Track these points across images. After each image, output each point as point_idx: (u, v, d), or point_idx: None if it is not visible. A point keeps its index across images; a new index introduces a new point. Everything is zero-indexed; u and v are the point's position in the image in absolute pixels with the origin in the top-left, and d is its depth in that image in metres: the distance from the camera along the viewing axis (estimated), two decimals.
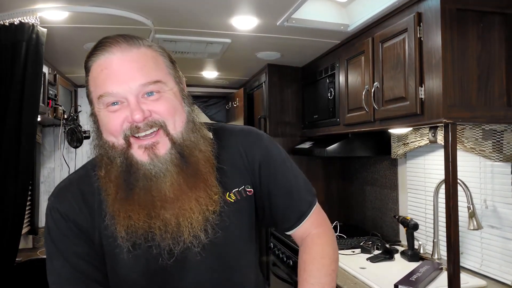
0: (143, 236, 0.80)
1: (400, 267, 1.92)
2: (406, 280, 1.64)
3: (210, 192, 0.83)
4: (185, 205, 0.80)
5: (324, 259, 0.92)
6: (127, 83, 0.76)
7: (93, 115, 0.83)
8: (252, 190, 0.93)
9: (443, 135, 1.69)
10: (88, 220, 0.85)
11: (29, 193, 3.25)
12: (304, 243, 0.97)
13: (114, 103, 0.78)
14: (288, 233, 1.00)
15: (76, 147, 3.34)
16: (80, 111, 3.63)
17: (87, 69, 0.83)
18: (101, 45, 0.81)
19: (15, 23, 1.79)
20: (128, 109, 0.77)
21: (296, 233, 0.99)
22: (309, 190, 1.00)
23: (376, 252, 2.15)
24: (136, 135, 0.78)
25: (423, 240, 2.18)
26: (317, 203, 1.00)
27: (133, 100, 0.77)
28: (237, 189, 0.90)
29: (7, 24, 1.79)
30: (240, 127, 0.99)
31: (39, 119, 2.19)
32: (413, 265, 1.91)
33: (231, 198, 0.89)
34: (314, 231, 0.98)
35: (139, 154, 0.79)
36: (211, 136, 0.91)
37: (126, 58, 0.78)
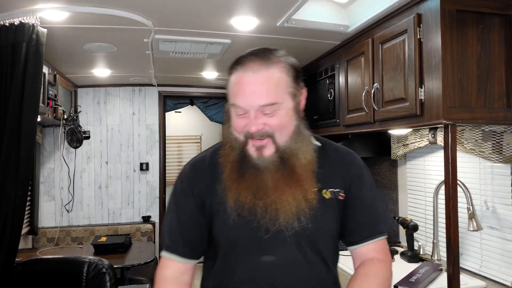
0: (247, 210, 1.00)
1: (399, 268, 1.91)
2: (405, 281, 1.64)
3: (304, 191, 1.00)
4: (282, 197, 0.99)
5: (378, 278, 1.02)
6: (251, 101, 0.97)
7: (228, 110, 1.05)
8: (344, 195, 1.07)
9: (442, 136, 1.69)
10: (207, 186, 1.07)
11: (29, 193, 3.25)
12: (362, 263, 1.07)
13: (240, 110, 1.00)
14: (351, 247, 1.11)
15: (76, 147, 3.34)
16: (80, 112, 3.64)
17: (229, 72, 1.03)
18: (240, 61, 1.00)
19: (15, 23, 1.79)
20: (248, 119, 0.98)
21: (358, 250, 1.10)
22: (386, 220, 1.16)
23: None
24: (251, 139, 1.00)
25: (423, 241, 2.18)
26: (386, 237, 1.12)
27: (253, 115, 0.97)
28: (332, 189, 1.06)
29: (7, 24, 1.79)
30: (343, 147, 1.18)
31: (39, 119, 2.19)
32: (413, 266, 1.91)
33: (327, 195, 1.05)
34: (376, 256, 1.07)
35: (252, 150, 1.00)
36: (316, 145, 1.10)
37: (255, 80, 0.97)
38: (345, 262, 1.99)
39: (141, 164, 3.90)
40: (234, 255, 1.03)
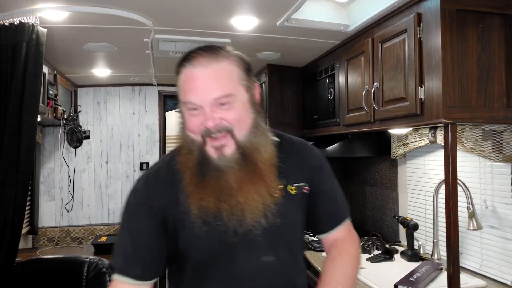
0: (212, 215, 0.96)
1: (400, 267, 1.92)
2: (406, 280, 1.64)
3: (269, 187, 0.98)
4: (247, 195, 0.95)
5: (351, 257, 1.10)
6: (204, 96, 0.93)
7: (181, 112, 1.00)
8: (309, 189, 1.08)
9: (443, 136, 1.70)
10: (168, 200, 1.00)
11: (29, 193, 3.25)
12: (334, 245, 1.13)
13: (194, 108, 0.94)
14: (322, 236, 1.15)
15: (76, 147, 3.34)
16: (80, 111, 3.64)
17: (177, 73, 0.99)
18: (188, 57, 0.97)
19: (15, 23, 1.79)
20: (204, 116, 0.93)
21: (329, 237, 1.14)
22: (346, 204, 1.18)
23: (376, 252, 2.15)
24: (209, 136, 0.95)
25: (423, 240, 2.18)
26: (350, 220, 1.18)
27: (208, 110, 0.93)
28: (297, 184, 1.06)
29: (7, 24, 1.79)
30: (297, 138, 1.17)
31: (39, 119, 2.19)
32: (413, 265, 1.91)
33: (292, 191, 1.05)
34: (345, 237, 1.14)
35: (211, 151, 0.95)
36: (274, 140, 1.06)
37: (206, 74, 0.93)
38: None
39: (141, 164, 3.90)
40: (205, 266, 1.00)
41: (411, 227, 2.06)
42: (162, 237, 1.00)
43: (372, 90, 1.91)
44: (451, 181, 1.45)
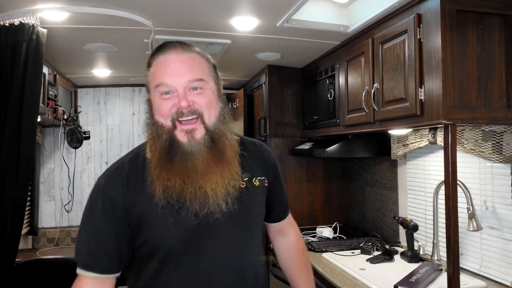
0: (176, 198, 0.99)
1: (399, 268, 1.92)
2: (405, 281, 1.64)
3: (233, 171, 1.04)
4: (212, 178, 1.01)
5: (306, 253, 1.37)
6: (178, 78, 1.00)
7: (149, 101, 1.07)
8: (268, 183, 1.18)
9: (442, 136, 1.70)
10: (131, 194, 1.02)
11: (29, 193, 3.25)
12: (288, 234, 1.33)
13: (166, 92, 1.01)
14: (275, 224, 1.31)
15: (76, 148, 3.34)
16: (80, 112, 3.64)
17: (149, 65, 1.06)
18: (162, 47, 1.04)
19: (15, 23, 1.80)
20: (177, 98, 1.00)
21: (281, 224, 1.31)
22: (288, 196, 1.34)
23: (376, 253, 2.14)
24: (180, 119, 1.00)
25: (423, 241, 2.18)
26: None
27: (181, 91, 1.00)
28: (260, 177, 1.16)
29: (7, 24, 1.80)
30: (254, 139, 1.27)
31: (39, 119, 2.19)
32: (413, 266, 1.91)
33: (256, 183, 1.14)
34: (291, 225, 1.35)
35: (181, 136, 1.01)
36: (236, 133, 1.14)
37: (180, 59, 1.02)
38: (345, 262, 1.99)
39: None
40: (173, 254, 1.01)
41: (411, 228, 2.06)
42: (127, 231, 1.02)
43: (372, 91, 1.91)
44: (451, 182, 1.45)
